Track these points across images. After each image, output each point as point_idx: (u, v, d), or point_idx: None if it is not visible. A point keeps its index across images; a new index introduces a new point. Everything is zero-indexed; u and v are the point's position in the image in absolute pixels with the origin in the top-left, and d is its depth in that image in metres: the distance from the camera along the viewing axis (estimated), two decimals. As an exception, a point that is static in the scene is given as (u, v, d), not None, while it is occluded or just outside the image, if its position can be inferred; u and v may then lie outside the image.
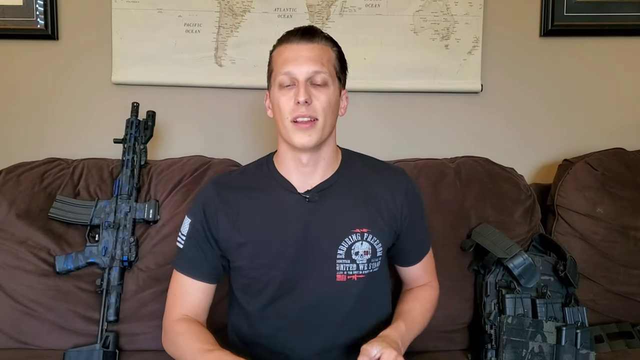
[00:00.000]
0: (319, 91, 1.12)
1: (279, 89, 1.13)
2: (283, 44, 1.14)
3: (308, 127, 1.11)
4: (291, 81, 1.11)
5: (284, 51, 1.13)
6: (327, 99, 1.12)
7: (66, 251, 1.49)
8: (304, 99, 1.09)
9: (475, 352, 1.46)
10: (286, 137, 1.14)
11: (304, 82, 1.10)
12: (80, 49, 1.82)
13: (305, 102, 1.09)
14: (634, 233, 1.60)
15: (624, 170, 1.65)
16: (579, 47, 1.86)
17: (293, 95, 1.11)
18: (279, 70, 1.12)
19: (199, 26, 1.80)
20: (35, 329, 1.45)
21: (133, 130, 1.59)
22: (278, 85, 1.13)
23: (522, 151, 1.87)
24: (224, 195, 1.20)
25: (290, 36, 1.14)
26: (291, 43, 1.13)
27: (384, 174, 1.25)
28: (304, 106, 1.10)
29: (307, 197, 1.17)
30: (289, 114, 1.11)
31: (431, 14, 1.80)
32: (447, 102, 1.86)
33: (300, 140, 1.11)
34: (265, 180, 1.21)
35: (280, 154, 1.21)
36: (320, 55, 1.13)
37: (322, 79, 1.12)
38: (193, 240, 1.20)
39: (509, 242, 1.44)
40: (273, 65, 1.16)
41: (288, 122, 1.12)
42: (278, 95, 1.13)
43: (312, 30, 1.15)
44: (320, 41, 1.14)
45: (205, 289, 1.21)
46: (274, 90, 1.15)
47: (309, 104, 1.10)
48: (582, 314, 1.40)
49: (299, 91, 1.10)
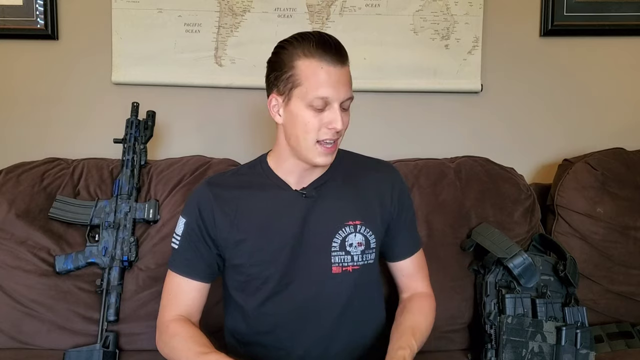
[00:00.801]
0: (345, 114, 1.13)
1: (309, 109, 1.09)
2: (316, 60, 1.08)
3: (334, 150, 1.13)
4: (324, 105, 1.09)
5: (319, 72, 1.08)
6: (348, 121, 1.15)
7: (66, 251, 1.49)
8: (341, 127, 1.10)
9: (475, 352, 1.46)
10: (305, 154, 1.13)
11: (339, 108, 1.10)
12: (80, 49, 1.82)
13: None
14: (634, 233, 1.60)
15: (624, 170, 1.65)
16: (579, 47, 1.86)
17: (325, 118, 1.10)
18: (314, 91, 1.07)
19: (199, 26, 1.80)
20: (35, 329, 1.45)
21: (133, 130, 1.59)
22: (308, 104, 1.09)
23: (522, 151, 1.87)
24: (219, 194, 1.20)
25: (324, 55, 1.08)
26: (328, 64, 1.08)
27: (373, 168, 1.28)
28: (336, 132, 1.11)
29: (304, 193, 1.19)
30: (319, 135, 1.10)
31: (431, 13, 1.80)
32: (447, 102, 1.86)
33: (322, 161, 1.13)
34: (260, 179, 1.22)
35: (281, 157, 1.20)
36: (350, 79, 1.13)
37: (350, 103, 1.13)
38: (188, 240, 1.21)
39: (509, 242, 1.44)
40: (301, 80, 1.08)
41: (312, 142, 1.11)
42: (307, 115, 1.09)
43: (344, 52, 1.11)
44: (347, 62, 1.12)
45: (200, 289, 1.21)
46: (300, 107, 1.10)
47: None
48: (582, 314, 1.40)
49: (336, 119, 1.09)
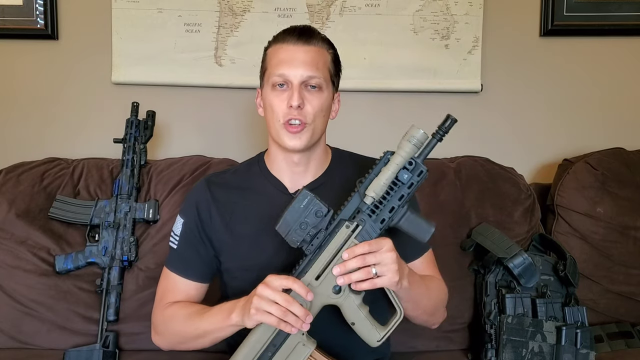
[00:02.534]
0: (312, 95, 1.12)
1: (272, 89, 1.13)
2: (279, 43, 1.13)
3: (299, 131, 1.11)
4: (285, 83, 1.11)
5: (280, 51, 1.12)
6: (320, 103, 1.13)
7: (66, 251, 1.49)
8: (297, 104, 1.09)
9: (475, 352, 1.46)
10: (276, 138, 1.14)
11: (298, 85, 1.10)
12: (80, 49, 1.82)
13: (298, 107, 1.10)
14: (634, 233, 1.60)
15: (624, 170, 1.65)
16: (579, 47, 1.86)
17: (286, 98, 1.11)
18: (273, 70, 1.12)
19: (199, 26, 1.80)
20: (35, 329, 1.45)
21: (133, 130, 1.59)
22: (271, 85, 1.12)
23: (522, 151, 1.87)
24: (217, 195, 1.20)
25: (286, 35, 1.13)
26: (287, 43, 1.12)
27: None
28: (297, 110, 1.10)
29: None
30: (281, 117, 1.11)
31: (431, 13, 1.80)
32: (447, 101, 1.86)
33: (290, 142, 1.12)
34: (258, 180, 1.22)
35: (271, 153, 1.21)
36: (316, 58, 1.12)
37: (316, 83, 1.12)
38: (186, 239, 1.20)
39: (509, 242, 1.44)
40: (267, 64, 1.15)
41: (279, 124, 1.12)
42: (271, 96, 1.13)
43: (309, 31, 1.14)
44: (317, 43, 1.13)
45: (198, 288, 1.21)
46: (267, 90, 1.14)
47: (302, 108, 1.10)
48: (582, 314, 1.40)
49: (292, 95, 1.10)
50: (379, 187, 0.99)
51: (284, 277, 0.98)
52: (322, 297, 1.00)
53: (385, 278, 0.97)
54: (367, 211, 1.00)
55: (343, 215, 1.01)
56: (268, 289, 0.97)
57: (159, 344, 1.21)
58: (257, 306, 0.97)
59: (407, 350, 1.45)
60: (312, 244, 1.01)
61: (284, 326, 0.96)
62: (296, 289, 0.97)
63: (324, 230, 1.00)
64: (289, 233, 1.00)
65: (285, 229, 1.00)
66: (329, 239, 1.00)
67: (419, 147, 0.99)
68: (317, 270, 1.00)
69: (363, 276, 0.97)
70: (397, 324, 1.02)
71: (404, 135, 1.00)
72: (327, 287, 1.00)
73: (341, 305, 1.01)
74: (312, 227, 0.99)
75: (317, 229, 1.00)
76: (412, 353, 1.46)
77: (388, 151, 1.02)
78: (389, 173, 0.99)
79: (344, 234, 1.00)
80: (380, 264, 0.97)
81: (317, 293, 0.99)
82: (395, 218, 1.01)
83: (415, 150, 0.99)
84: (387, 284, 0.98)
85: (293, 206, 0.99)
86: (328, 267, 1.00)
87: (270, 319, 0.96)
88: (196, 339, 1.12)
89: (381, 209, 1.00)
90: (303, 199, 0.99)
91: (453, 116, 1.00)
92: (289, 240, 1.00)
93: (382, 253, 0.98)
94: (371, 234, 1.00)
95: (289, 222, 0.99)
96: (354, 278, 0.97)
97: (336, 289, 1.00)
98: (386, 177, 0.99)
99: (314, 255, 1.01)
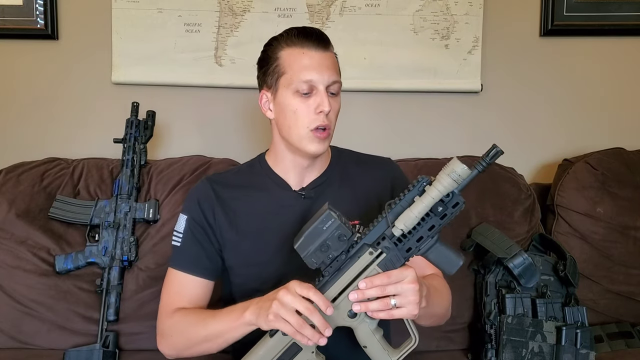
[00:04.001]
0: (334, 100, 1.13)
1: (295, 95, 1.11)
2: (298, 47, 1.12)
3: (325, 137, 1.12)
4: (310, 90, 1.11)
5: (302, 57, 1.11)
6: (339, 107, 1.16)
7: (66, 251, 1.49)
8: (328, 109, 1.10)
9: (475, 352, 1.46)
10: (298, 144, 1.13)
11: (325, 91, 1.11)
12: (80, 49, 1.82)
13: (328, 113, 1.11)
14: (634, 233, 1.60)
15: (624, 170, 1.65)
16: (579, 47, 1.86)
17: (313, 103, 1.10)
18: (298, 76, 1.10)
19: (199, 26, 1.80)
20: (35, 329, 1.45)
21: (133, 130, 1.59)
22: (294, 91, 1.11)
23: (522, 151, 1.87)
24: (220, 193, 1.20)
25: (305, 41, 1.12)
26: (309, 49, 1.11)
27: (372, 166, 1.27)
28: (326, 116, 1.11)
29: (302, 194, 1.19)
30: (309, 122, 1.11)
31: (431, 13, 1.80)
32: (447, 101, 1.86)
33: (316, 149, 1.12)
34: (260, 178, 1.22)
35: (278, 155, 1.21)
36: (335, 64, 1.14)
37: (338, 88, 1.14)
38: (191, 236, 1.19)
39: (509, 242, 1.44)
40: (285, 68, 1.12)
41: (307, 131, 1.11)
42: (295, 102, 1.11)
43: (324, 36, 1.14)
44: (331, 48, 1.15)
45: (205, 285, 1.19)
46: (286, 95, 1.12)
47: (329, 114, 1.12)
48: (582, 314, 1.40)
49: (323, 101, 1.09)
50: (410, 220, 0.92)
51: (306, 286, 0.94)
52: (337, 319, 0.97)
53: (404, 310, 0.94)
54: (393, 240, 0.95)
55: (367, 240, 0.96)
56: (289, 295, 0.93)
57: (164, 350, 1.18)
58: (276, 312, 0.94)
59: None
60: (331, 265, 0.96)
61: (300, 337, 0.93)
62: (317, 302, 0.93)
63: (345, 252, 0.96)
64: (308, 254, 0.95)
65: (304, 250, 0.95)
66: (350, 262, 0.96)
67: (459, 182, 0.91)
68: (334, 293, 0.96)
69: (381, 307, 0.94)
70: (411, 350, 1.00)
71: (444, 168, 0.91)
72: (343, 311, 0.96)
73: (355, 329, 0.98)
74: (333, 250, 0.95)
75: (338, 252, 0.95)
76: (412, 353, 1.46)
77: (423, 177, 0.94)
78: (422, 206, 0.92)
79: (366, 259, 0.95)
80: (400, 295, 0.94)
81: (332, 315, 0.95)
82: (422, 248, 0.96)
83: (454, 185, 0.91)
84: (406, 316, 0.95)
85: (315, 227, 0.94)
86: (345, 291, 0.96)
87: (288, 327, 0.93)
88: (205, 342, 1.10)
89: (409, 239, 0.95)
90: (327, 220, 0.94)
91: (499, 147, 0.93)
92: (308, 261, 0.96)
93: (404, 284, 0.94)
94: (395, 263, 0.95)
95: (309, 243, 0.94)
96: (372, 308, 0.94)
97: (351, 313, 0.96)
98: (419, 210, 0.92)
99: (332, 277, 0.97)
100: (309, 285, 0.95)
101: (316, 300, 0.94)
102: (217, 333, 1.07)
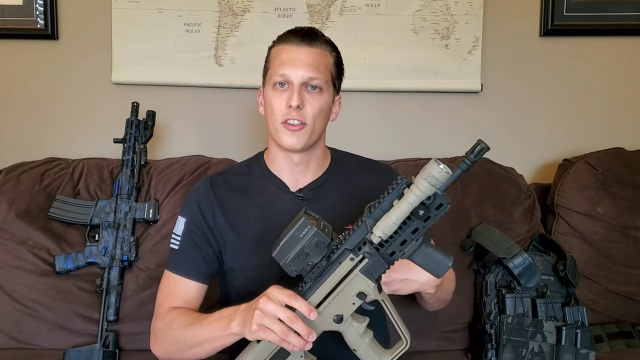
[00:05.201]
0: (312, 96, 1.13)
1: (273, 88, 1.14)
2: (282, 44, 1.15)
3: (297, 130, 1.12)
4: (286, 83, 1.13)
5: (283, 51, 1.14)
6: (320, 105, 1.14)
7: (66, 251, 1.49)
8: (296, 104, 1.10)
9: (475, 352, 1.46)
10: (275, 137, 1.16)
11: (299, 86, 1.11)
12: (80, 49, 1.82)
13: (297, 107, 1.11)
14: (634, 233, 1.60)
15: (624, 170, 1.65)
16: (579, 47, 1.86)
17: (286, 98, 1.12)
18: (275, 70, 1.13)
19: (199, 26, 1.79)
20: (35, 329, 1.45)
21: (133, 130, 1.59)
22: (272, 84, 1.14)
23: (522, 151, 1.87)
24: (219, 194, 1.20)
25: (290, 36, 1.15)
26: (291, 44, 1.14)
27: (372, 172, 1.26)
28: (296, 110, 1.11)
29: (300, 196, 1.19)
30: (280, 116, 1.13)
31: (431, 13, 1.80)
32: (447, 101, 1.86)
33: (288, 141, 1.13)
34: (259, 179, 1.22)
35: (271, 152, 1.22)
36: (318, 60, 1.13)
37: (316, 85, 1.13)
38: (190, 239, 1.19)
39: (509, 242, 1.44)
40: (270, 64, 1.17)
41: (278, 123, 1.13)
42: (272, 95, 1.14)
43: (313, 33, 1.15)
44: (320, 45, 1.15)
45: (199, 289, 1.18)
46: (268, 89, 1.16)
47: (301, 109, 1.11)
48: (582, 314, 1.40)
49: (292, 95, 1.11)
50: (388, 227, 0.88)
51: (287, 293, 0.93)
52: (323, 325, 0.95)
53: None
54: (374, 245, 0.92)
55: (348, 245, 0.93)
56: (271, 303, 0.92)
57: (156, 353, 1.18)
58: (259, 322, 0.93)
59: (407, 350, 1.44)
60: (313, 272, 0.94)
61: (287, 345, 0.92)
62: (299, 308, 0.92)
63: (325, 258, 0.94)
64: (287, 263, 0.93)
65: (283, 258, 0.93)
66: (331, 268, 0.94)
67: (437, 186, 0.84)
68: (317, 299, 0.94)
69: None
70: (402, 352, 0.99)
71: (421, 171, 0.85)
72: (328, 317, 0.95)
73: (343, 332, 0.97)
74: (312, 257, 0.93)
75: (317, 258, 0.93)
76: (412, 353, 1.45)
77: (403, 178, 0.89)
78: (399, 212, 0.87)
79: (348, 265, 0.93)
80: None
81: (317, 321, 0.94)
82: (407, 251, 0.92)
83: (433, 190, 0.85)
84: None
85: (292, 235, 0.91)
86: (329, 297, 0.94)
87: (272, 336, 0.92)
88: (193, 348, 1.08)
89: (391, 243, 0.91)
90: (303, 228, 0.91)
91: (484, 143, 0.84)
92: (287, 269, 0.94)
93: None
94: (378, 268, 0.92)
95: (286, 252, 0.92)
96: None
97: (337, 318, 0.95)
98: (396, 216, 0.87)
99: (314, 284, 0.95)
100: (290, 293, 0.94)
101: (298, 307, 0.92)
102: (204, 340, 1.06)
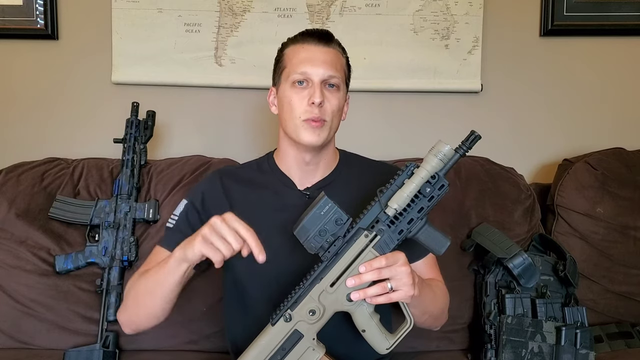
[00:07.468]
0: (331, 94, 1.16)
1: (292, 86, 1.16)
2: (299, 44, 1.18)
3: (318, 126, 1.14)
4: (305, 80, 1.15)
5: (301, 50, 1.17)
6: (337, 102, 1.17)
7: (66, 251, 1.49)
8: (319, 101, 1.12)
9: (475, 352, 1.46)
10: (294, 135, 1.16)
11: (319, 83, 1.14)
12: (80, 48, 1.82)
13: (319, 104, 1.13)
14: (634, 233, 1.60)
15: (624, 170, 1.65)
16: (579, 47, 1.86)
17: (307, 95, 1.14)
18: (294, 68, 1.15)
19: (199, 26, 1.80)
20: (35, 329, 1.45)
21: (133, 130, 1.59)
22: (291, 82, 1.15)
23: (522, 151, 1.87)
24: (228, 186, 1.22)
25: (307, 37, 1.18)
26: (309, 44, 1.17)
27: (380, 172, 1.25)
28: (317, 107, 1.13)
29: (307, 194, 1.20)
30: (302, 114, 1.14)
31: (431, 13, 1.80)
32: (447, 101, 1.86)
33: (309, 138, 1.14)
34: (267, 176, 1.24)
35: (282, 151, 1.23)
36: (335, 60, 1.18)
37: (335, 83, 1.16)
38: (185, 218, 1.20)
39: (509, 242, 1.44)
40: (286, 63, 1.18)
41: (299, 121, 1.14)
42: (290, 93, 1.16)
43: (328, 35, 1.19)
44: (335, 46, 1.19)
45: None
46: (285, 87, 1.17)
47: (322, 106, 1.14)
48: (582, 314, 1.40)
49: (314, 92, 1.13)
50: (402, 199, 0.99)
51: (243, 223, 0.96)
52: (336, 304, 1.00)
53: (402, 292, 0.98)
54: (386, 222, 1.00)
55: (362, 224, 1.01)
56: (225, 226, 0.95)
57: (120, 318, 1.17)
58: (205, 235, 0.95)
59: (407, 350, 1.45)
60: (329, 250, 1.00)
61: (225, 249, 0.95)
62: (251, 244, 0.95)
63: (341, 237, 1.00)
64: (308, 239, 0.99)
65: (304, 235, 0.99)
66: (347, 247, 1.00)
67: (445, 162, 0.99)
68: (332, 277, 1.00)
69: (379, 291, 0.98)
70: (407, 332, 1.02)
71: (430, 149, 1.00)
72: (342, 295, 1.00)
73: (353, 313, 1.01)
74: (330, 234, 0.99)
75: (335, 236, 1.00)
76: (412, 353, 1.46)
77: (412, 163, 1.01)
78: (412, 186, 0.99)
79: (362, 242, 1.00)
80: (394, 278, 0.98)
81: (330, 300, 0.99)
82: (413, 230, 1.01)
83: (441, 165, 0.99)
84: (403, 298, 0.99)
85: (314, 213, 0.99)
86: (343, 275, 1.00)
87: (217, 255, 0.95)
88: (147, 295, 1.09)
89: (401, 220, 1.00)
90: (324, 206, 0.99)
91: (477, 132, 1.01)
92: (307, 246, 1.00)
93: (397, 267, 0.98)
94: (389, 244, 1.00)
95: (308, 229, 0.99)
96: (370, 293, 0.98)
97: (349, 296, 1.00)
98: (410, 189, 0.99)
99: (330, 262, 1.00)
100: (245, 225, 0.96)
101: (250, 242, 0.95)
102: (154, 281, 1.07)
